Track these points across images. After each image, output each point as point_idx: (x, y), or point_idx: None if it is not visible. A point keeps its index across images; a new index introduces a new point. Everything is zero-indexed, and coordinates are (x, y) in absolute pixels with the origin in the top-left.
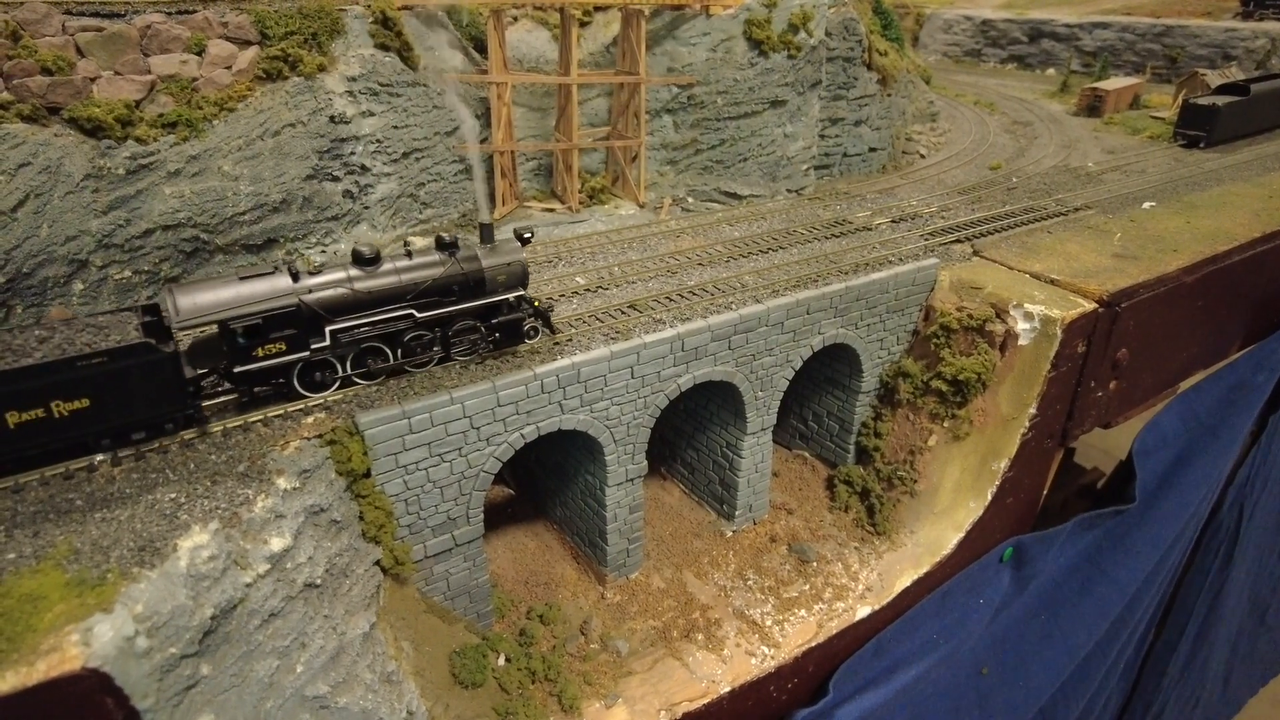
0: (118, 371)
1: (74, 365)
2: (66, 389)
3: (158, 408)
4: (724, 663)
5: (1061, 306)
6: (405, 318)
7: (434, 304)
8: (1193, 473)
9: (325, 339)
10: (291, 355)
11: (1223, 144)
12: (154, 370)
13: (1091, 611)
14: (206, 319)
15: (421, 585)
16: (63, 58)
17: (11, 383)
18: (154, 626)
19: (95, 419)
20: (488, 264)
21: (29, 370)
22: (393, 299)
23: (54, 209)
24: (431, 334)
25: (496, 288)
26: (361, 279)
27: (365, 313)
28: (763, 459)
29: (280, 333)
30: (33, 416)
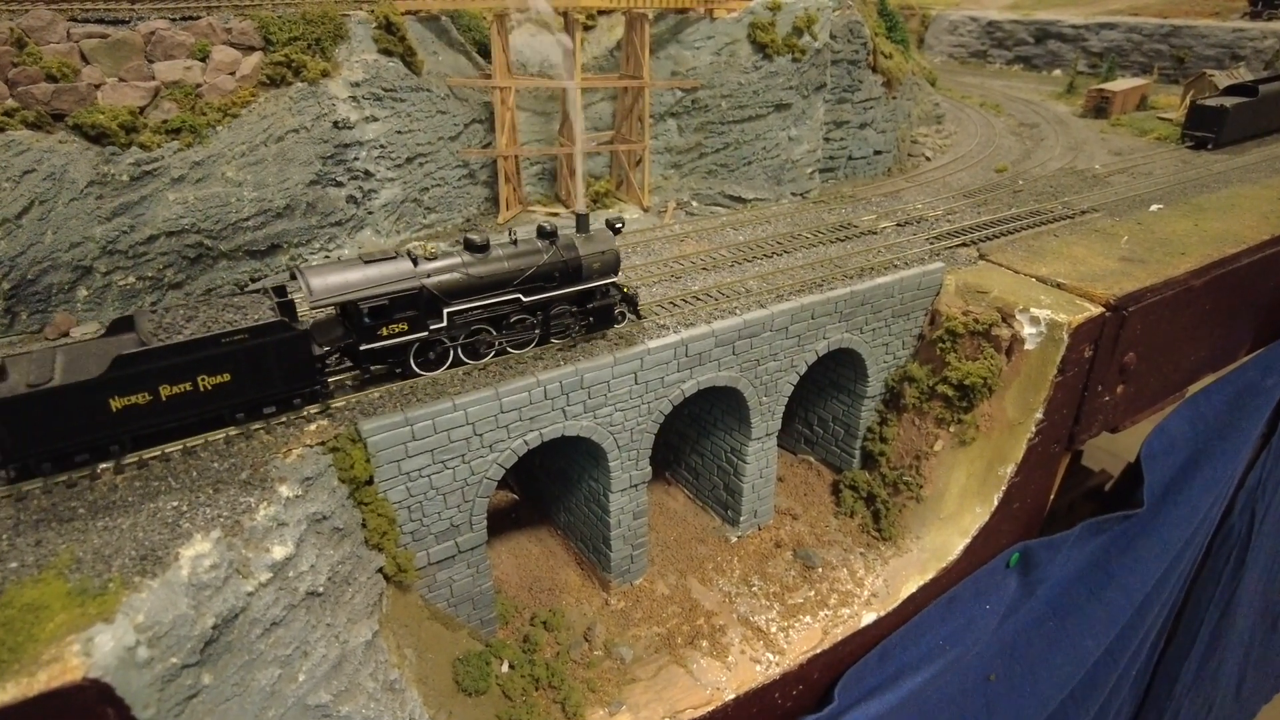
0: (256, 348)
1: (219, 342)
2: (212, 364)
3: (290, 383)
4: (728, 670)
5: (1068, 311)
6: (512, 302)
7: (537, 289)
8: (1202, 477)
9: (442, 320)
10: (411, 335)
11: (1231, 145)
12: (288, 347)
13: (1100, 617)
14: (339, 299)
15: (424, 592)
16: (67, 64)
17: (165, 358)
18: (155, 636)
19: (234, 393)
20: (584, 252)
21: (180, 346)
22: (501, 284)
23: (58, 215)
24: (532, 318)
25: (592, 274)
26: (474, 264)
27: (477, 296)
28: (767, 464)
29: (403, 313)
30: (181, 390)
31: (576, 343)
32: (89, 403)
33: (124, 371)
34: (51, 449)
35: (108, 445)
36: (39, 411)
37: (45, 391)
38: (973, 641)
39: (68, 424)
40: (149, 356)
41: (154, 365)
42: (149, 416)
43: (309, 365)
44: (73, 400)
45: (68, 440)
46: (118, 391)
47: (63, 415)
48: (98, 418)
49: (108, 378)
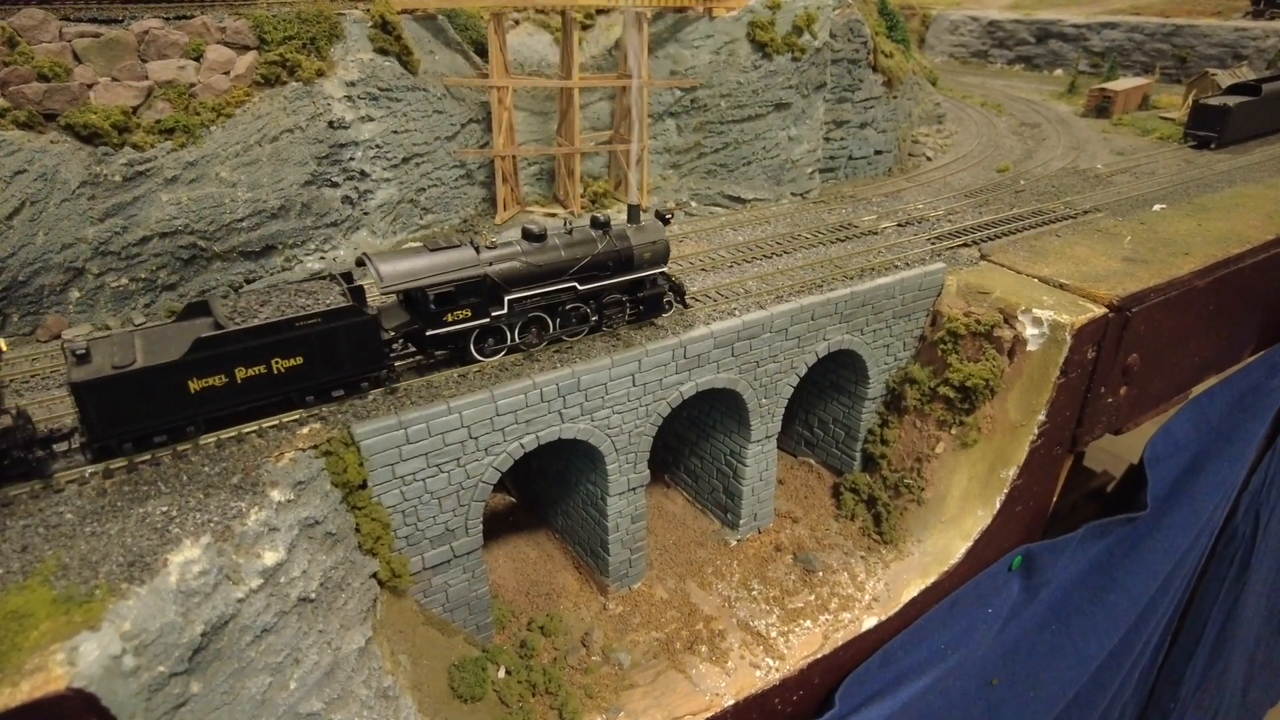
0: (328, 332)
1: (293, 325)
2: (285, 348)
3: (358, 367)
4: (728, 675)
5: (1071, 311)
6: (569, 290)
7: (591, 278)
8: (1206, 479)
9: (503, 307)
10: (474, 321)
11: (1234, 145)
12: (358, 332)
13: (1103, 621)
14: (408, 285)
15: (419, 597)
16: (59, 64)
17: (242, 341)
18: (142, 644)
19: (306, 376)
20: (636, 242)
21: (256, 330)
22: (557, 272)
23: (50, 216)
24: (586, 306)
25: (643, 264)
26: (532, 253)
27: (536, 284)
28: (767, 467)
29: (467, 300)
30: (256, 372)
31: (628, 329)
32: (169, 384)
33: (203, 354)
34: (133, 430)
35: (185, 426)
36: (124, 392)
37: (130, 373)
38: (975, 646)
39: (149, 405)
40: (227, 339)
41: (231, 348)
42: (224, 399)
43: (377, 349)
44: (155, 381)
45: (148, 421)
46: (197, 373)
47: (145, 396)
48: (177, 399)
49: (188, 360)
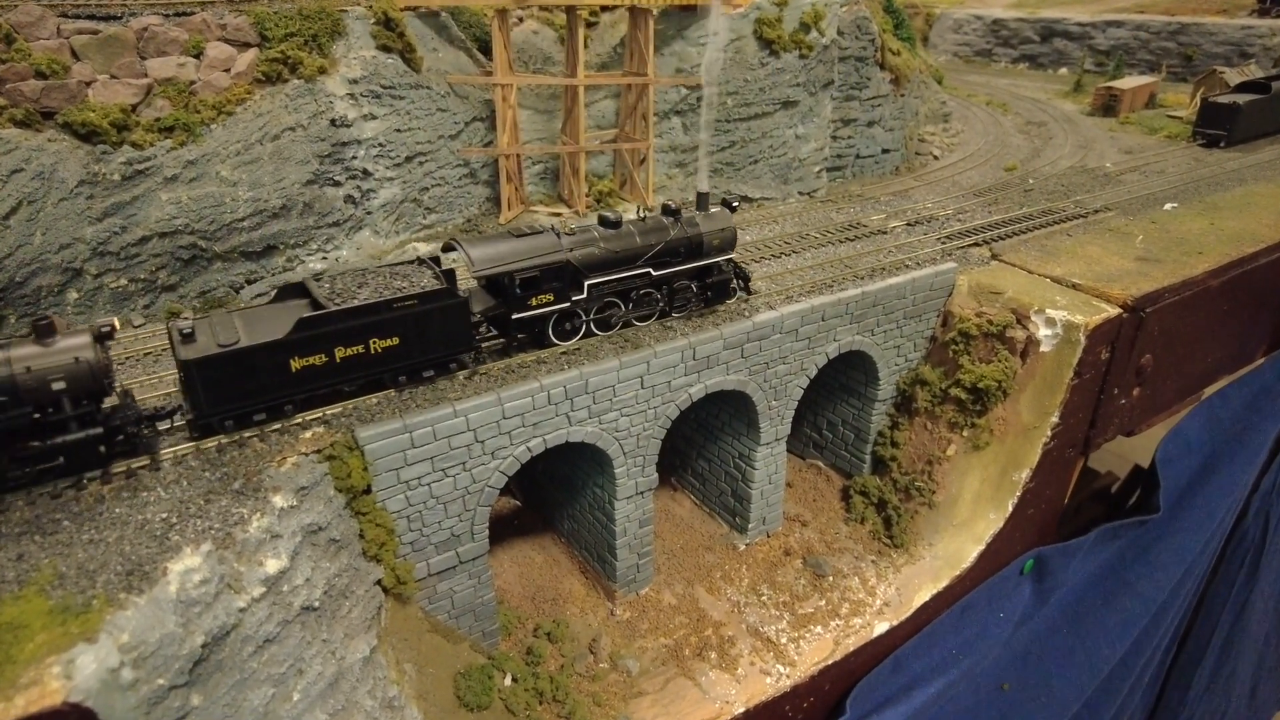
0: (424, 313)
1: (390, 306)
2: (383, 328)
3: (449, 347)
4: (738, 682)
5: (1084, 312)
6: (642, 275)
7: (664, 264)
8: (1218, 481)
9: (583, 292)
10: (555, 305)
11: (1243, 143)
12: (451, 313)
13: (1116, 625)
14: (497, 269)
15: (425, 604)
16: (57, 61)
17: (343, 321)
18: (140, 657)
19: (401, 356)
20: (705, 229)
21: (356, 310)
22: (632, 258)
23: (47, 216)
24: (657, 292)
25: (711, 250)
26: (609, 240)
27: (613, 270)
28: (776, 470)
29: (550, 284)
30: (354, 352)
31: (697, 314)
32: (272, 363)
33: (305, 333)
34: (236, 407)
35: (284, 405)
36: (229, 370)
37: (236, 351)
38: (986, 650)
39: (252, 383)
40: (329, 319)
41: (332, 328)
42: (323, 378)
43: (467, 331)
44: (259, 360)
45: (251, 399)
46: (299, 352)
47: (249, 374)
48: (279, 377)
49: (291, 339)
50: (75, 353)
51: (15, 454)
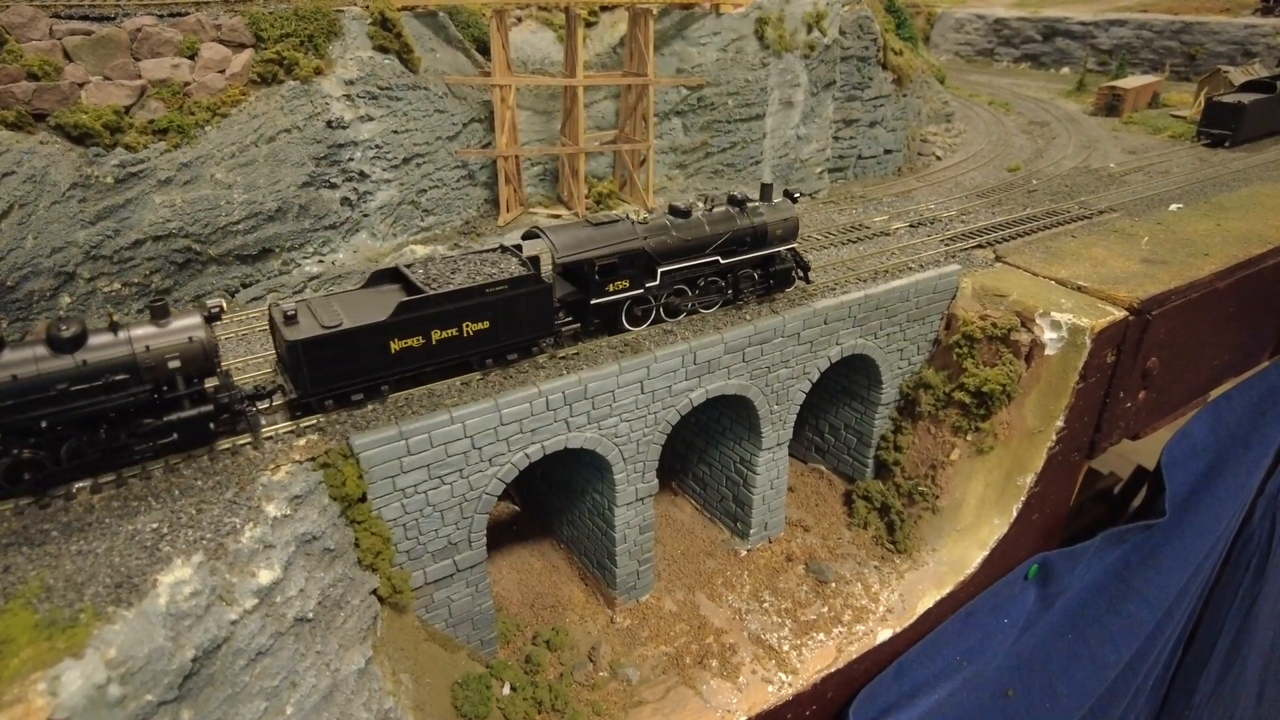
0: (513, 298)
1: (483, 291)
2: (475, 312)
3: (533, 331)
4: (740, 691)
5: (1090, 314)
6: (711, 263)
7: (732, 252)
8: (1224, 484)
9: (655, 279)
10: (630, 291)
11: (1248, 143)
12: (537, 298)
13: (1121, 630)
14: (580, 255)
15: (421, 613)
16: (49, 62)
17: (440, 305)
18: (129, 672)
19: (490, 339)
20: (769, 219)
21: (453, 294)
22: (702, 246)
23: (39, 219)
24: (723, 280)
25: (774, 240)
26: (681, 228)
27: (685, 257)
28: (778, 475)
29: (627, 271)
30: (448, 335)
31: (760, 301)
32: (374, 344)
33: (406, 316)
34: (337, 387)
35: (380, 385)
36: (333, 350)
37: (341, 332)
38: (990, 656)
39: (354, 363)
40: (428, 303)
41: (430, 311)
42: (418, 359)
43: (549, 316)
44: (361, 341)
45: (351, 379)
46: (399, 334)
47: (351, 355)
48: (379, 358)
49: (393, 321)
50: (189, 332)
51: (132, 430)
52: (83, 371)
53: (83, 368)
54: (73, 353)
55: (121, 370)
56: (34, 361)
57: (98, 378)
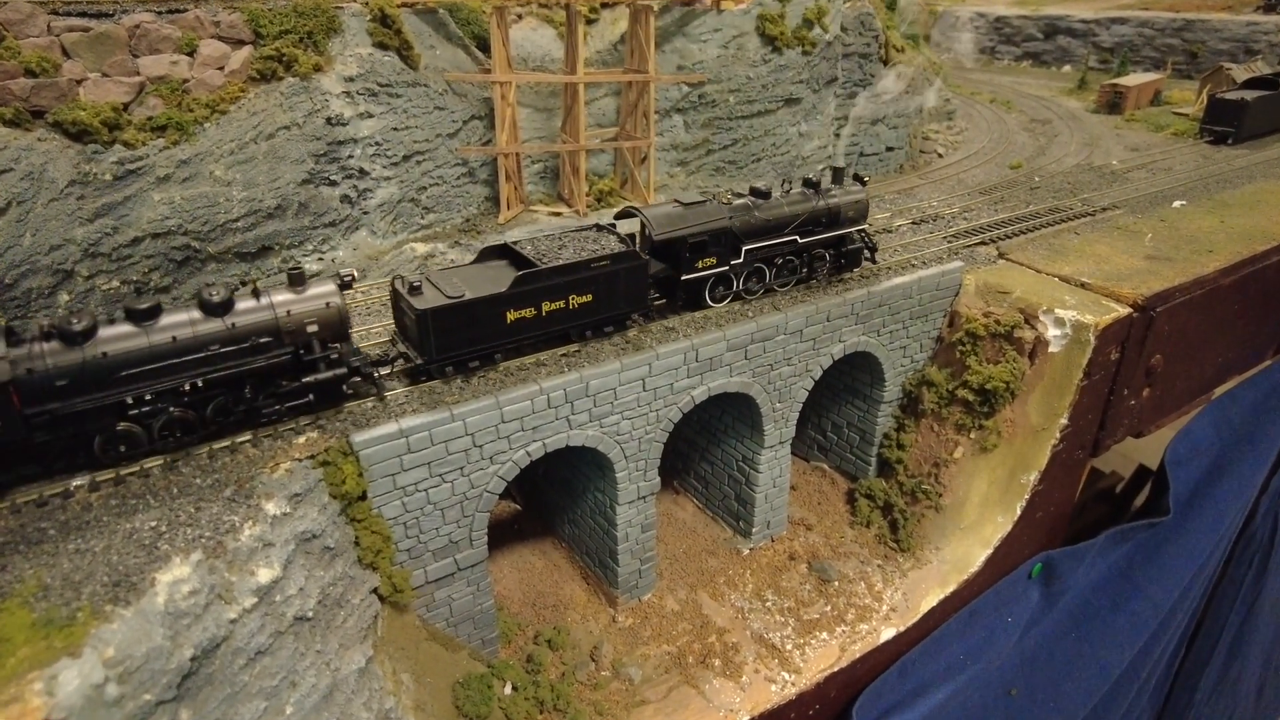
0: (613, 273)
1: (589, 266)
2: (580, 285)
3: (629, 304)
4: (742, 690)
5: (1094, 311)
6: (790, 242)
7: (808, 232)
8: (1228, 482)
9: (739, 256)
10: (717, 269)
11: (1251, 140)
12: (635, 274)
13: (1125, 628)
14: (675, 233)
15: (422, 612)
16: (47, 59)
17: (552, 278)
18: (126, 671)
19: (590, 312)
20: (842, 201)
21: (563, 268)
22: (781, 226)
23: (37, 217)
24: (798, 259)
25: (846, 221)
26: (762, 209)
27: (766, 236)
28: (781, 473)
29: (715, 249)
30: (556, 306)
31: (829, 280)
32: (492, 314)
33: (522, 289)
34: (457, 354)
35: (494, 354)
36: (457, 319)
37: (465, 302)
38: (994, 655)
39: (474, 332)
40: (541, 276)
41: (544, 284)
42: (529, 329)
43: (643, 290)
44: (481, 311)
45: (469, 347)
46: (514, 305)
47: (472, 324)
48: (495, 328)
49: (511, 292)
50: (326, 298)
51: (272, 391)
52: (232, 334)
53: (232, 330)
54: (222, 316)
55: (266, 333)
56: (190, 324)
57: (245, 340)
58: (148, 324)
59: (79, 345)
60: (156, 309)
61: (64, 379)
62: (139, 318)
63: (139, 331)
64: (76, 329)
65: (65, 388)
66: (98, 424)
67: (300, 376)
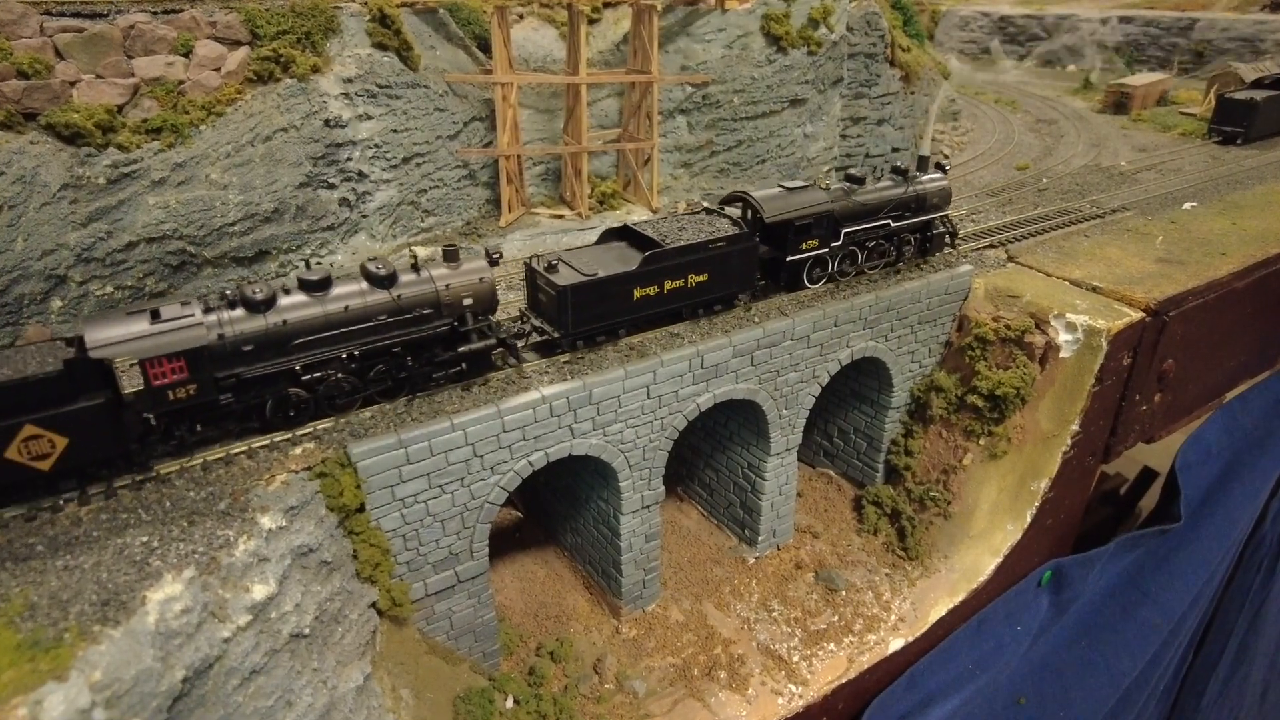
0: (728, 253)
1: (707, 247)
2: (699, 265)
3: (739, 285)
4: (749, 703)
5: (1106, 316)
6: (883, 226)
7: (899, 217)
8: (1239, 488)
9: (838, 239)
10: (818, 251)
11: (1261, 140)
12: (745, 255)
13: (1135, 636)
14: (784, 216)
15: (422, 625)
16: (40, 60)
17: (676, 257)
18: (114, 695)
19: (704, 291)
20: (928, 188)
21: (686, 248)
22: (875, 211)
23: (29, 221)
24: (887, 243)
25: (931, 207)
26: (858, 194)
27: (861, 220)
28: (787, 481)
29: (817, 232)
30: (676, 285)
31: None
32: (622, 291)
33: (650, 267)
34: (588, 329)
35: (618, 329)
36: (591, 296)
37: (599, 279)
38: (1003, 665)
39: (604, 308)
40: (668, 255)
41: (668, 263)
42: (650, 306)
43: (752, 271)
44: (613, 288)
45: (598, 322)
46: (641, 283)
47: (603, 300)
48: (623, 304)
49: (640, 271)
50: (479, 274)
51: (427, 360)
52: (398, 305)
53: (398, 301)
54: (389, 289)
55: (428, 306)
56: (361, 295)
57: (409, 311)
58: (320, 294)
59: (262, 313)
60: (328, 280)
61: (249, 344)
62: (312, 288)
63: (313, 301)
64: (259, 298)
65: (250, 353)
66: (272, 388)
67: (453, 347)
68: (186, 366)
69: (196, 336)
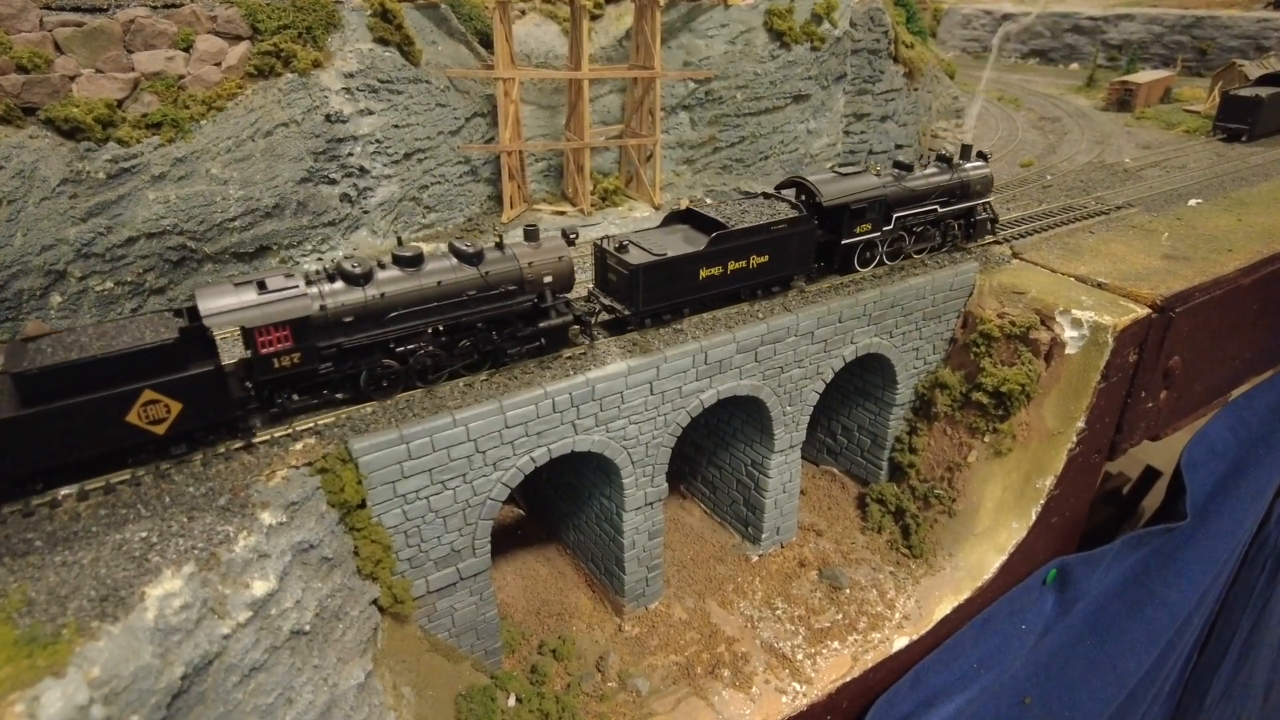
0: (788, 236)
1: (769, 229)
2: (760, 247)
3: (799, 266)
4: (752, 702)
5: (1112, 312)
6: (930, 211)
7: (945, 203)
8: (1245, 486)
9: (890, 223)
10: (870, 234)
11: (1265, 137)
12: (804, 237)
13: (1140, 636)
14: (841, 200)
15: (424, 623)
16: (40, 54)
17: (740, 239)
18: (112, 692)
19: (764, 272)
20: (972, 175)
21: (750, 230)
22: (924, 196)
23: (29, 216)
24: (933, 228)
25: (974, 194)
26: (907, 180)
27: (911, 205)
28: (791, 478)
29: (870, 216)
30: (739, 266)
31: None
32: (689, 270)
33: (716, 248)
34: (656, 308)
35: (682, 308)
36: (661, 275)
37: (669, 259)
38: (1008, 663)
39: (672, 287)
40: (734, 236)
41: (732, 244)
42: (714, 286)
43: (809, 253)
44: (680, 268)
45: (666, 301)
46: (707, 263)
47: (671, 280)
48: (689, 283)
49: (706, 251)
50: (558, 253)
51: (509, 335)
52: (486, 281)
53: (486, 278)
54: (477, 266)
55: (512, 282)
56: (451, 270)
57: (495, 287)
58: (414, 270)
59: (360, 286)
60: (420, 257)
61: (350, 316)
62: (407, 264)
63: (408, 276)
64: (358, 271)
65: (349, 324)
66: (367, 359)
67: (533, 322)
68: (292, 335)
69: (302, 306)
